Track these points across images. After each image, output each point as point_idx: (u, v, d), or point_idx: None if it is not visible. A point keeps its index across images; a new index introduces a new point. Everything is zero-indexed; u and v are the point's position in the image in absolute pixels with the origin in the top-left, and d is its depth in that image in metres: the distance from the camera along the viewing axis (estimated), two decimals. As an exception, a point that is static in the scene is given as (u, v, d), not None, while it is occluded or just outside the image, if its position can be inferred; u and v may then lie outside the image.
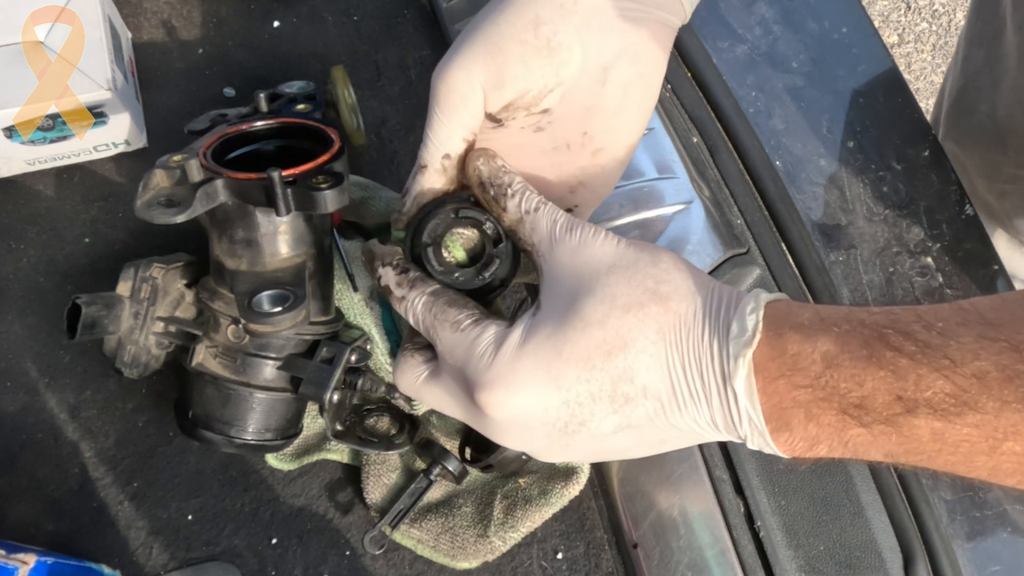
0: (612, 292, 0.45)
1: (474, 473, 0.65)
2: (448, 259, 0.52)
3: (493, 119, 0.52)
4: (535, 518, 0.62)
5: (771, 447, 0.44)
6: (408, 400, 0.62)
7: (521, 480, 0.63)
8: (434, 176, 0.52)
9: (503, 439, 0.49)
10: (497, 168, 0.51)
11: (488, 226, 0.51)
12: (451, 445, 0.64)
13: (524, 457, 0.61)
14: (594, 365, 0.45)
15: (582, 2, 0.50)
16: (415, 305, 0.50)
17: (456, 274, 0.51)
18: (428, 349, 0.52)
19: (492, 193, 0.50)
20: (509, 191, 0.50)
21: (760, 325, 0.43)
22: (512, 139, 0.53)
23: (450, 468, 0.62)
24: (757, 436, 0.44)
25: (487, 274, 0.51)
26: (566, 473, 0.62)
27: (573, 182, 0.55)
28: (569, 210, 0.55)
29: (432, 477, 0.62)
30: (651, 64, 0.52)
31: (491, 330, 0.48)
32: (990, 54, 0.93)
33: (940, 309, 0.41)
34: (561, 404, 0.45)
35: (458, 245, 0.53)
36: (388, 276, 0.52)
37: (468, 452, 0.63)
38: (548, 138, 0.53)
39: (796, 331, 0.42)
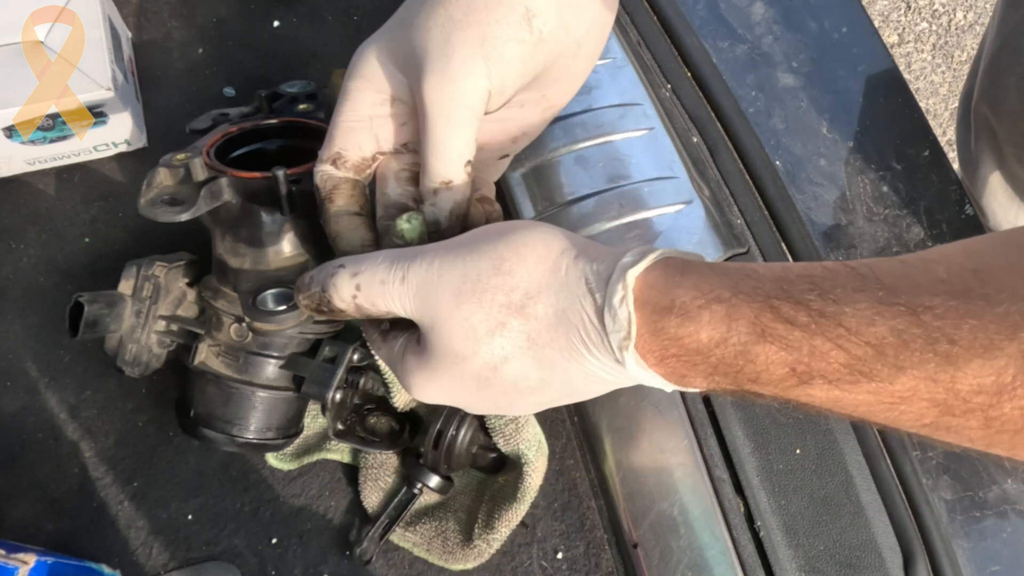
0: (471, 324, 0.44)
1: (470, 475, 0.65)
2: None
3: None
4: (511, 516, 0.61)
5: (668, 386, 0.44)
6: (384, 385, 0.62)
7: (500, 478, 0.63)
8: (465, 187, 0.50)
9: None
10: None
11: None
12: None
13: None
14: (487, 383, 0.45)
15: None
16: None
17: None
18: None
19: None
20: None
21: (633, 318, 0.41)
22: None
23: (431, 485, 0.62)
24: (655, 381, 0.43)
25: None
26: (520, 467, 0.62)
27: (517, 134, 0.56)
28: (504, 156, 0.57)
29: (416, 491, 0.62)
30: (609, 25, 0.53)
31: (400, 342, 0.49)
32: None
33: (837, 273, 0.39)
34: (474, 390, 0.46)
35: None
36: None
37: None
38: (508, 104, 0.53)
39: (678, 316, 0.41)
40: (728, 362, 0.40)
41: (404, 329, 0.49)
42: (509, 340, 0.44)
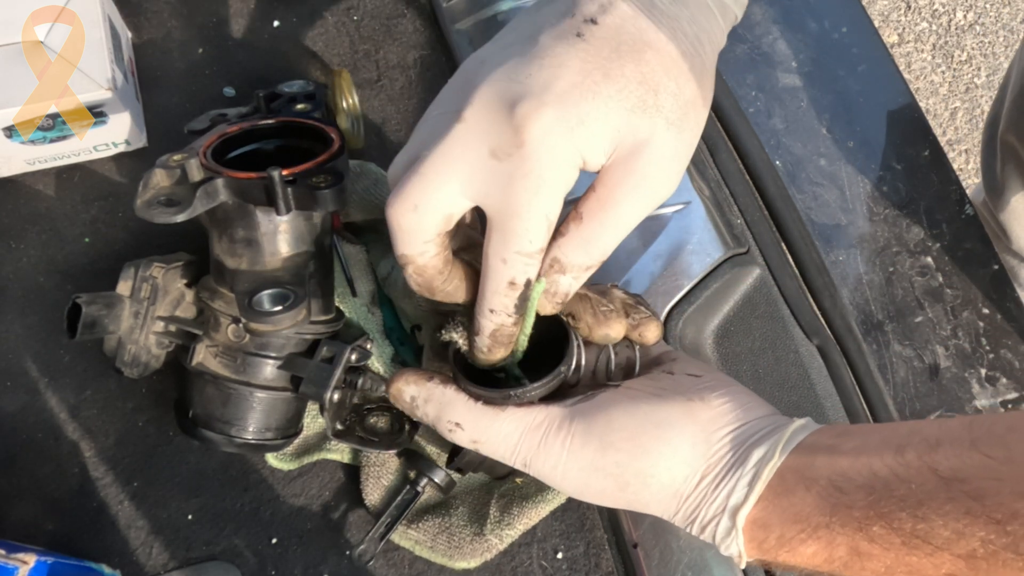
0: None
1: (471, 475, 0.65)
2: None
3: None
4: (532, 515, 0.61)
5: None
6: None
7: (518, 479, 0.63)
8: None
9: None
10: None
11: None
12: (439, 454, 0.64)
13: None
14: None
15: None
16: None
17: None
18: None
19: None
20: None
21: (744, 554, 0.46)
22: None
23: (436, 480, 0.62)
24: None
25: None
26: None
27: None
28: None
29: (419, 488, 0.62)
30: None
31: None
32: None
33: (923, 479, 0.41)
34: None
35: None
36: None
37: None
38: None
39: (781, 544, 0.45)
40: (827, 571, 0.45)
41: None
42: None
